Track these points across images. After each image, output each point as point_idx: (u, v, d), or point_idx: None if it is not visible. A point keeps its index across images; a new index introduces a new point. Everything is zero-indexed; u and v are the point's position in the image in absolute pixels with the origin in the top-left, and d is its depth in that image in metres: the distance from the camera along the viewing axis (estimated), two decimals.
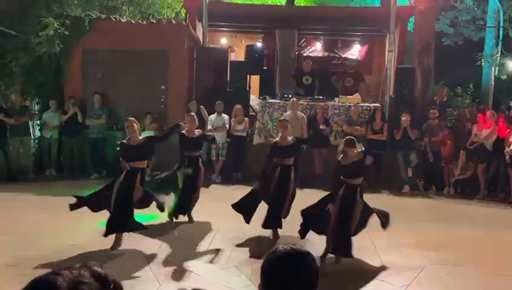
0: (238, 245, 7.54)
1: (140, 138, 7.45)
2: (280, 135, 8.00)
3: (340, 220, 6.80)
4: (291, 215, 7.77)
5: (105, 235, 6.97)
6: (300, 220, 7.27)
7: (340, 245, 6.82)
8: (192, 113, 9.23)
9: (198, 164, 8.46)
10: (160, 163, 10.57)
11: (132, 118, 7.55)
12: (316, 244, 6.96)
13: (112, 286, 1.45)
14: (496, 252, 7.73)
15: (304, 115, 12.31)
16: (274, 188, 7.73)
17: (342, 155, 7.04)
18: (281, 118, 8.50)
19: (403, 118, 11.86)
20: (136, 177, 7.17)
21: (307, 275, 1.83)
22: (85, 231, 7.89)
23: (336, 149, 11.98)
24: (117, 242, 7.03)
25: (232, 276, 6.33)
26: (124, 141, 7.47)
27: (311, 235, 7.31)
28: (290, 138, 7.93)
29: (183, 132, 8.37)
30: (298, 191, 8.21)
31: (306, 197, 9.27)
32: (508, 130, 11.46)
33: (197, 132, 8.60)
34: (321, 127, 11.78)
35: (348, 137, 7.53)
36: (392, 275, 6.52)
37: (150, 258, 6.78)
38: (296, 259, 1.83)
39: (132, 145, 7.25)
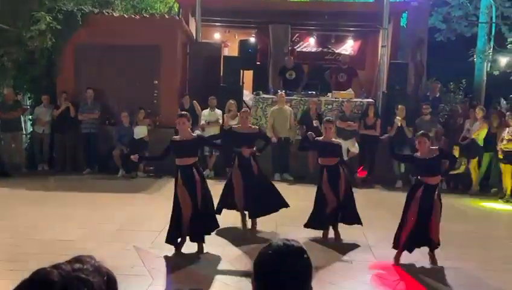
0: (232, 241, 7.55)
1: (192, 134, 7.10)
2: (324, 134, 7.76)
3: (419, 223, 6.59)
4: None
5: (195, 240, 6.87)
6: None
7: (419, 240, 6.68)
8: (246, 109, 8.88)
9: (250, 161, 7.92)
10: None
11: (185, 113, 7.27)
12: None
13: (105, 278, 1.44)
14: (487, 247, 7.79)
15: (291, 109, 12.33)
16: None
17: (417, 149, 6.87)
18: (327, 118, 8.36)
19: (397, 118, 11.87)
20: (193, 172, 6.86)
21: (300, 270, 1.82)
22: (77, 225, 7.88)
23: None
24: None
25: (226, 271, 6.33)
26: (175, 138, 7.02)
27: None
28: (334, 139, 7.81)
29: (235, 126, 8.26)
30: (292, 187, 8.22)
31: (300, 193, 9.31)
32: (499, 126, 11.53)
33: (252, 127, 8.22)
34: (314, 123, 11.81)
35: (421, 131, 7.30)
36: (385, 269, 6.55)
37: (143, 253, 6.77)
38: (289, 254, 1.83)
39: (182, 141, 6.89)
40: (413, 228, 6.59)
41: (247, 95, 13.89)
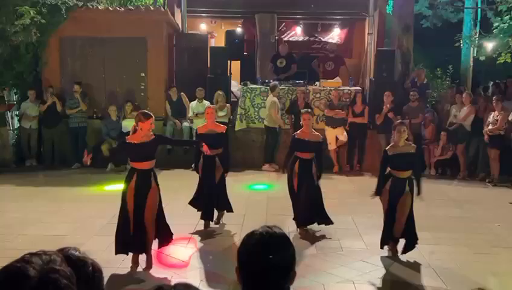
0: (225, 231, 7.58)
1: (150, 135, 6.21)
2: (303, 127, 7.55)
3: (388, 214, 6.56)
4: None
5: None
6: None
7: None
8: (211, 106, 8.58)
9: (214, 162, 7.61)
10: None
11: (146, 111, 6.37)
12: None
13: (90, 269, 1.45)
14: (476, 230, 7.86)
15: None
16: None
17: (391, 144, 6.75)
18: (304, 109, 8.14)
19: (385, 100, 11.93)
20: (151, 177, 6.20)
21: (282, 257, 1.84)
22: (67, 221, 7.87)
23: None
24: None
25: (218, 261, 6.35)
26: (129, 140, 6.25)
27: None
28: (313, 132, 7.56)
29: (200, 126, 7.95)
30: (281, 176, 8.21)
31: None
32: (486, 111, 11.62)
33: (218, 128, 7.78)
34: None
35: (398, 121, 7.15)
36: (375, 256, 6.60)
37: None
38: (272, 242, 1.84)
39: (138, 143, 6.13)
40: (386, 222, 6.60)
41: (235, 86, 13.86)
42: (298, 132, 7.63)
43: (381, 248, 6.65)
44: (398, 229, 6.55)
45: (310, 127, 7.51)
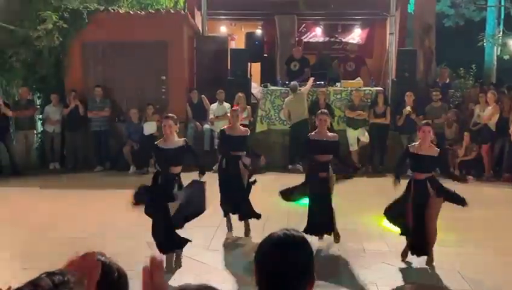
0: (244, 232, 7.55)
1: (177, 140, 6.40)
2: (318, 128, 7.14)
3: (415, 219, 6.28)
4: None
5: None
6: None
7: (416, 244, 6.30)
8: (235, 108, 8.39)
9: (238, 164, 7.38)
10: None
11: (172, 115, 6.47)
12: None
13: (116, 274, 1.45)
14: (502, 232, 7.73)
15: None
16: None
17: (415, 142, 6.61)
18: (321, 110, 7.74)
19: (407, 108, 11.79)
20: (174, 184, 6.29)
21: (301, 260, 1.81)
22: (91, 222, 7.93)
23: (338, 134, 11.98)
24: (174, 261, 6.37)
25: (239, 264, 6.33)
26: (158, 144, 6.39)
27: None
28: (330, 134, 7.21)
29: (225, 127, 7.63)
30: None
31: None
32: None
33: (243, 130, 7.62)
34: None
35: (424, 122, 6.97)
36: (398, 258, 6.52)
37: (156, 248, 6.78)
38: (290, 245, 1.82)
39: (168, 148, 6.28)
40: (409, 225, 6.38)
41: (255, 88, 13.86)
42: (313, 133, 7.32)
43: (403, 260, 6.44)
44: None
45: (325, 129, 7.15)
